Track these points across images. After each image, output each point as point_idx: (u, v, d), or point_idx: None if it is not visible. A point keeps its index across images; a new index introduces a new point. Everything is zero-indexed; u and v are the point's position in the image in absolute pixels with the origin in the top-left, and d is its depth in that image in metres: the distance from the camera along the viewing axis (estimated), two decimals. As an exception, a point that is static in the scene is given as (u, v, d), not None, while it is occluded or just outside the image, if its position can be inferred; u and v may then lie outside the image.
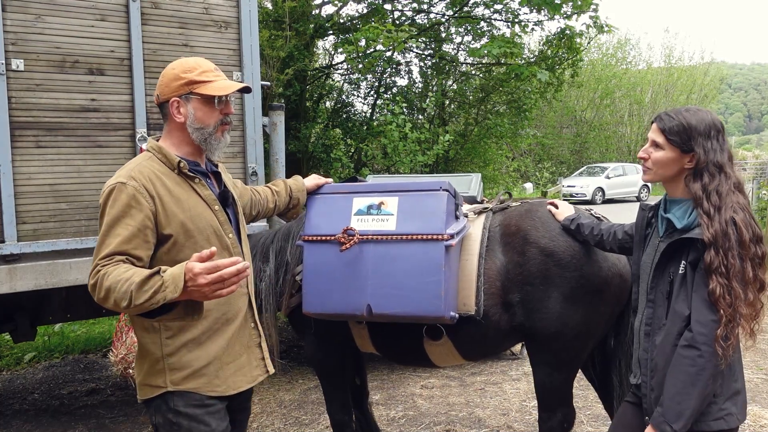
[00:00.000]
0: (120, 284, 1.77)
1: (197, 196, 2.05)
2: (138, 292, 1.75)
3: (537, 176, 25.60)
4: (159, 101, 2.07)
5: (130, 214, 1.89)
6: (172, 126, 2.08)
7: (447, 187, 2.68)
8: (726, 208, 1.90)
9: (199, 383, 2.00)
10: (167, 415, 1.99)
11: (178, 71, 2.04)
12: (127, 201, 1.89)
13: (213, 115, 2.07)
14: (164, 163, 2.03)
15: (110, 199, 1.91)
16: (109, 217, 1.89)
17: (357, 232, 2.63)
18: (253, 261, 3.20)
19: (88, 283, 1.86)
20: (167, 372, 1.98)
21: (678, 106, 2.17)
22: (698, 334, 1.88)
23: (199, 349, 2.00)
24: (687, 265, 1.95)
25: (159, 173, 1.99)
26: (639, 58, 34.03)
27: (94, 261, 1.87)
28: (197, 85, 2.03)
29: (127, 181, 1.92)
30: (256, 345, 2.21)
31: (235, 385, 2.09)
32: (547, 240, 2.75)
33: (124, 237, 1.87)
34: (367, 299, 2.61)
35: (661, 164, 2.03)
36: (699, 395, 1.89)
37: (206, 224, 2.04)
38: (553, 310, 2.72)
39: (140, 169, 1.97)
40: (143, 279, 1.76)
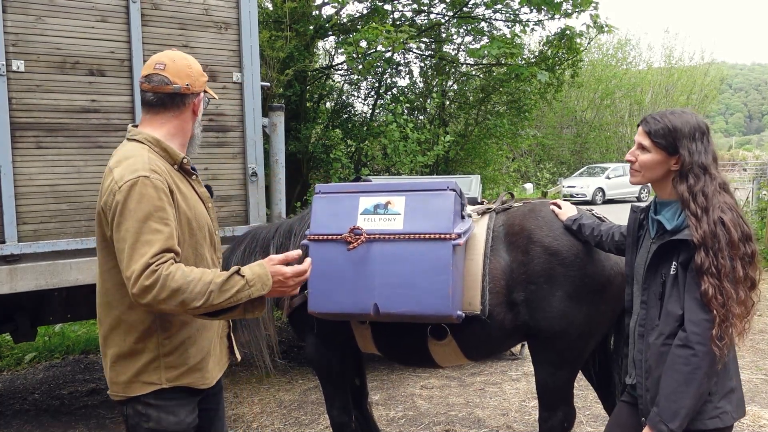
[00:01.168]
0: (193, 284, 1.76)
1: (195, 193, 2.06)
2: (220, 292, 1.79)
3: (537, 177, 25.59)
4: (189, 91, 2.00)
5: (163, 208, 1.84)
6: (184, 117, 2.03)
7: (454, 186, 2.69)
8: (714, 209, 1.93)
9: (194, 378, 2.03)
10: (136, 406, 1.98)
11: (200, 68, 2.08)
12: (157, 195, 1.83)
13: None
14: (165, 158, 1.98)
15: (135, 193, 1.81)
16: (139, 213, 1.80)
17: (364, 232, 2.63)
18: (252, 255, 3.22)
19: (139, 281, 1.75)
20: (163, 370, 1.97)
21: (675, 107, 2.20)
22: (692, 333, 1.90)
23: (193, 347, 2.02)
24: (678, 266, 1.98)
25: (167, 168, 1.95)
26: (639, 59, 34.02)
27: (138, 261, 1.76)
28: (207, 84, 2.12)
29: (150, 175, 1.85)
30: (225, 336, 2.26)
31: (214, 375, 2.13)
32: (551, 239, 2.76)
33: (166, 233, 1.81)
34: (374, 299, 2.61)
35: (648, 167, 2.07)
36: (694, 394, 1.90)
37: (204, 222, 2.05)
38: (556, 308, 2.74)
39: (156, 162, 1.92)
40: (225, 279, 1.80)
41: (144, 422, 1.98)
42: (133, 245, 1.79)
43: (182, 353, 1.99)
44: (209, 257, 2.08)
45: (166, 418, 1.98)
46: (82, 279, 3.63)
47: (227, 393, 4.94)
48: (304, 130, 9.52)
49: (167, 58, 2.03)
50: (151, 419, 1.97)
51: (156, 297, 1.75)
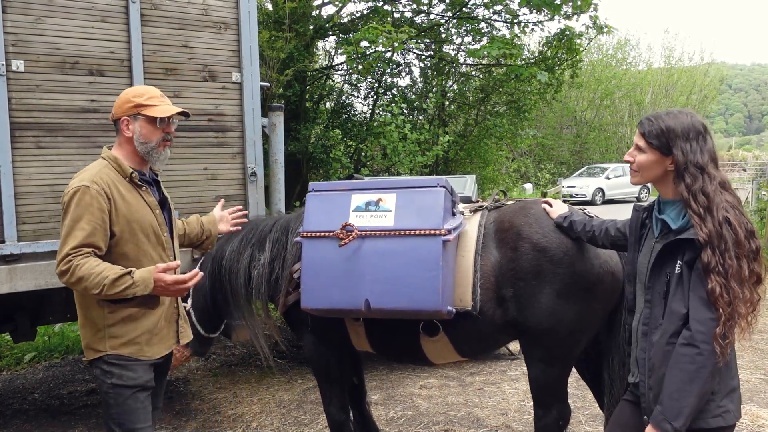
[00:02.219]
0: (93, 276, 2.26)
1: (143, 201, 2.49)
2: (111, 286, 2.27)
3: (537, 177, 25.60)
4: (113, 119, 2.52)
5: (92, 212, 2.32)
6: (122, 139, 2.51)
7: (444, 183, 2.72)
8: (717, 208, 1.93)
9: (132, 350, 2.46)
10: (102, 366, 2.45)
11: (129, 96, 2.49)
12: (90, 201, 2.32)
13: (156, 133, 2.50)
14: (118, 171, 2.45)
15: (75, 198, 2.32)
16: (74, 214, 2.32)
17: (356, 228, 2.66)
18: (247, 246, 3.26)
19: (58, 268, 2.31)
20: (107, 339, 2.43)
21: (675, 107, 2.22)
22: (697, 332, 1.90)
23: (133, 323, 2.46)
24: (683, 265, 1.98)
25: (114, 180, 2.42)
26: (639, 59, 34.01)
27: (62, 250, 2.30)
28: (143, 108, 2.47)
29: (90, 185, 2.34)
30: (174, 320, 2.64)
31: (158, 352, 2.54)
32: (539, 236, 2.77)
33: (88, 231, 2.31)
34: (365, 294, 2.64)
35: (645, 167, 2.10)
36: (698, 393, 1.91)
37: (148, 225, 2.49)
38: (544, 305, 2.74)
39: (100, 175, 2.39)
40: (116, 277, 2.28)
41: (108, 378, 2.44)
42: (63, 238, 2.33)
43: (122, 327, 2.43)
44: (154, 254, 2.51)
45: (126, 374, 2.44)
46: (82, 279, 3.63)
47: (226, 393, 4.94)
48: (304, 130, 9.53)
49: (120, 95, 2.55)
50: (113, 375, 2.44)
51: (68, 280, 2.31)
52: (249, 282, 3.19)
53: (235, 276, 3.22)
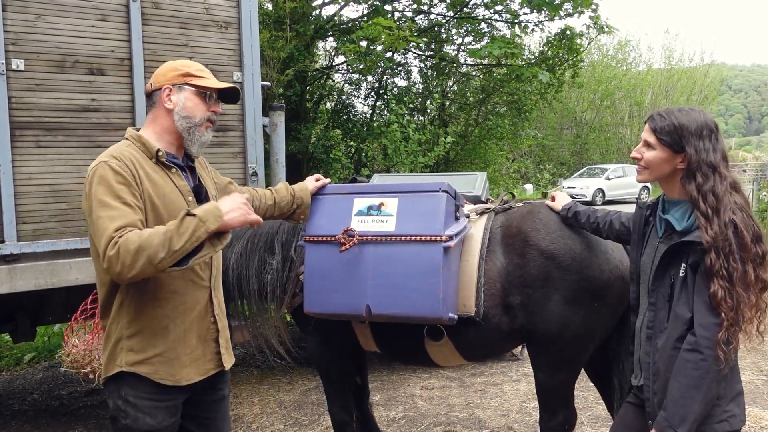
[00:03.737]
0: (151, 239, 1.83)
1: (173, 184, 2.10)
2: (178, 236, 1.85)
3: (537, 177, 25.58)
4: (150, 90, 2.14)
5: (121, 189, 1.94)
6: (159, 113, 2.13)
7: (446, 188, 2.68)
8: (725, 210, 1.89)
9: (152, 369, 2.03)
10: (117, 401, 2.05)
11: (176, 65, 2.16)
12: (114, 177, 1.94)
13: (201, 108, 2.15)
14: (143, 151, 2.08)
15: (96, 176, 1.95)
16: (99, 194, 1.92)
17: (357, 233, 2.64)
18: (255, 251, 3.20)
19: (106, 254, 1.84)
20: (124, 352, 2.03)
21: (673, 107, 2.17)
22: (701, 337, 1.86)
23: (155, 337, 2.04)
24: (687, 268, 1.94)
25: (138, 158, 2.05)
26: (639, 60, 34.00)
27: (104, 235, 1.86)
28: (192, 78, 2.13)
29: (109, 160, 1.98)
30: (213, 339, 2.20)
31: (188, 375, 2.10)
32: (547, 242, 2.74)
33: (122, 209, 1.90)
34: (366, 300, 2.62)
35: (653, 164, 2.03)
36: (703, 399, 1.87)
37: (177, 211, 2.03)
38: (553, 312, 2.71)
39: (121, 151, 2.03)
40: (178, 223, 1.87)
41: (122, 418, 2.04)
42: (96, 224, 1.90)
43: (143, 339, 2.03)
44: None
45: (143, 418, 2.02)
46: (82, 279, 3.61)
47: (227, 393, 4.92)
48: (304, 130, 9.52)
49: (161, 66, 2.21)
50: (128, 416, 2.03)
51: (123, 263, 1.82)
52: (263, 287, 3.15)
53: (246, 284, 3.15)
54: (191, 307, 2.12)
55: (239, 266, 3.17)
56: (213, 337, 2.20)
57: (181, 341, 2.08)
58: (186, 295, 2.11)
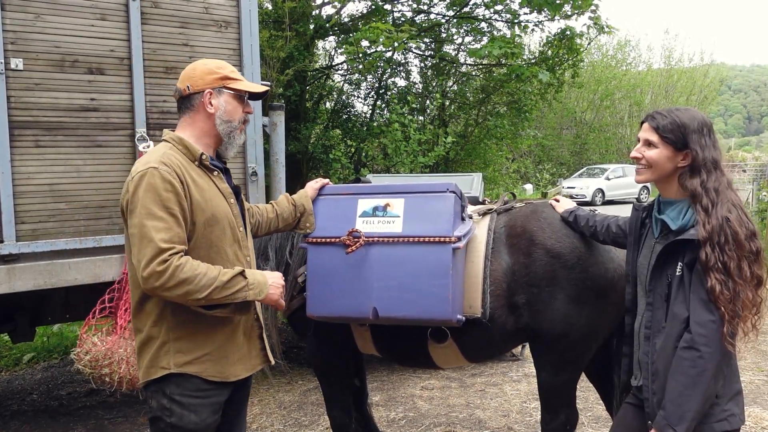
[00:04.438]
0: (199, 278, 1.89)
1: (216, 187, 2.13)
2: (222, 288, 1.93)
3: (537, 177, 25.58)
4: (188, 93, 2.12)
5: (168, 197, 1.94)
6: (199, 117, 2.14)
7: (454, 188, 2.65)
8: (721, 206, 1.91)
9: (202, 368, 2.06)
10: (162, 400, 2.05)
11: (211, 67, 2.16)
12: (164, 185, 1.94)
13: (239, 111, 2.19)
14: (185, 154, 2.09)
15: (143, 183, 1.93)
16: (147, 201, 1.92)
17: (363, 234, 2.60)
18: None
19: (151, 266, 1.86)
20: (172, 354, 2.03)
21: (668, 106, 2.18)
22: (697, 335, 1.87)
23: (204, 337, 2.07)
24: (683, 267, 1.95)
25: (183, 163, 2.05)
26: (639, 60, 34.01)
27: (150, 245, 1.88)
28: (230, 81, 2.16)
29: (159, 166, 1.96)
30: (257, 336, 2.27)
31: (235, 372, 2.15)
32: (553, 241, 2.74)
33: (170, 221, 1.92)
34: (373, 302, 2.57)
35: (657, 163, 2.04)
36: (701, 397, 1.88)
37: (224, 215, 2.12)
38: (558, 311, 2.71)
39: (168, 156, 2.03)
40: (230, 278, 1.96)
41: (167, 416, 2.05)
42: (141, 231, 1.91)
43: (192, 340, 2.05)
44: (230, 251, 2.13)
45: (188, 416, 2.04)
46: (81, 279, 3.60)
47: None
48: (304, 130, 9.51)
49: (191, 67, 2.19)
50: (173, 414, 2.04)
51: (164, 284, 1.87)
52: None
53: None
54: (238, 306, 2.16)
55: None
56: (257, 334, 2.27)
57: (229, 340, 2.12)
58: None
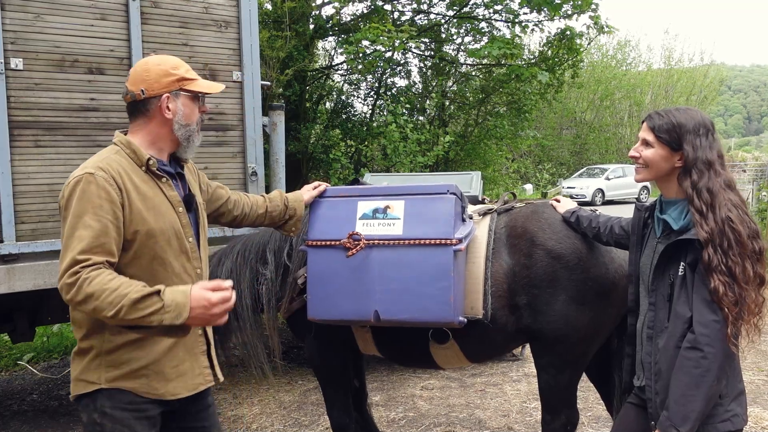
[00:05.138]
0: (107, 293, 1.74)
1: (163, 195, 2.00)
2: (130, 308, 1.74)
3: (537, 177, 25.58)
4: (142, 97, 1.98)
5: (101, 205, 1.83)
6: (154, 122, 2.01)
7: (454, 190, 2.64)
8: (720, 206, 1.90)
9: (135, 384, 1.94)
10: (93, 414, 1.93)
11: (165, 67, 2.01)
12: (97, 192, 1.83)
13: (196, 112, 2.08)
14: (132, 159, 1.97)
15: (78, 190, 1.83)
16: (78, 208, 1.82)
17: (363, 237, 2.58)
18: (246, 264, 3.12)
19: (61, 281, 1.77)
20: (104, 368, 1.91)
21: (670, 106, 2.19)
22: (700, 335, 1.87)
23: (139, 350, 1.94)
24: (686, 267, 1.95)
25: (126, 168, 1.94)
26: (639, 60, 34.00)
27: (65, 257, 1.78)
28: (187, 82, 2.03)
29: (96, 172, 1.86)
30: (201, 353, 2.10)
31: (174, 390, 2.00)
32: (554, 242, 2.73)
33: (97, 230, 1.80)
34: (374, 305, 2.56)
35: (653, 162, 2.05)
36: (704, 397, 1.87)
37: (169, 225, 1.98)
38: (559, 312, 2.71)
39: (108, 162, 1.91)
40: (140, 297, 1.75)
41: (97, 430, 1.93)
42: (66, 241, 1.81)
43: (124, 354, 1.92)
44: (175, 263, 2.00)
45: (122, 430, 1.92)
46: (81, 279, 3.60)
47: (226, 394, 4.91)
48: (304, 130, 9.50)
49: (133, 67, 2.05)
50: (105, 430, 1.92)
51: (73, 297, 1.76)
52: (256, 301, 3.10)
53: (239, 299, 3.06)
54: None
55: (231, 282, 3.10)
56: (202, 351, 2.11)
57: (166, 356, 1.98)
58: None
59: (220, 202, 2.48)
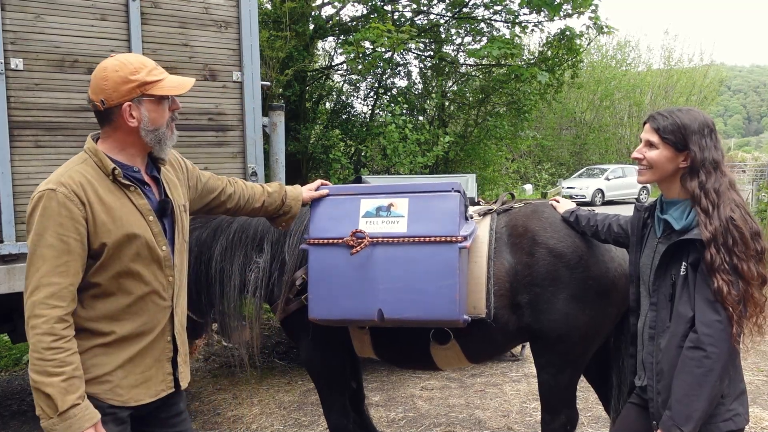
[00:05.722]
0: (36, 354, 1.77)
1: (131, 204, 1.96)
2: (36, 391, 1.77)
3: (536, 178, 25.58)
4: (103, 107, 1.91)
5: (61, 223, 1.81)
6: (120, 131, 1.95)
7: (458, 188, 2.63)
8: (724, 206, 1.91)
9: (100, 390, 1.91)
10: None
11: (124, 73, 1.91)
12: (58, 209, 1.81)
13: (164, 114, 2.01)
14: (99, 167, 1.93)
15: (39, 207, 1.82)
16: (39, 226, 1.81)
17: (367, 235, 2.55)
18: (241, 246, 3.04)
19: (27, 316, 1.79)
20: None
21: (671, 107, 2.19)
22: (703, 335, 1.87)
23: (105, 356, 1.92)
24: (688, 267, 1.95)
25: (91, 178, 1.89)
26: (638, 60, 33.97)
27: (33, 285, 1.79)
28: (149, 86, 1.94)
29: (57, 188, 1.83)
30: (167, 359, 2.07)
31: (137, 396, 1.98)
32: (555, 241, 2.74)
33: (58, 249, 1.80)
34: (378, 304, 2.53)
35: (657, 164, 2.05)
36: (707, 396, 1.88)
37: (140, 234, 1.95)
38: (560, 311, 2.71)
39: (71, 174, 1.87)
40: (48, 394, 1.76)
41: None
42: (31, 257, 1.82)
43: (89, 359, 1.89)
44: (146, 273, 1.97)
45: None
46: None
47: (226, 394, 4.91)
48: (304, 130, 9.50)
49: (93, 72, 1.96)
50: None
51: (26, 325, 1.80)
52: (244, 285, 3.04)
53: (228, 278, 3.03)
54: (150, 328, 2.01)
55: (223, 259, 3.04)
56: (168, 357, 2.08)
57: (132, 362, 1.96)
58: (146, 318, 2.00)
59: (213, 195, 2.45)
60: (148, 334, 2.00)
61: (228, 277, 3.04)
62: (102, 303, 1.92)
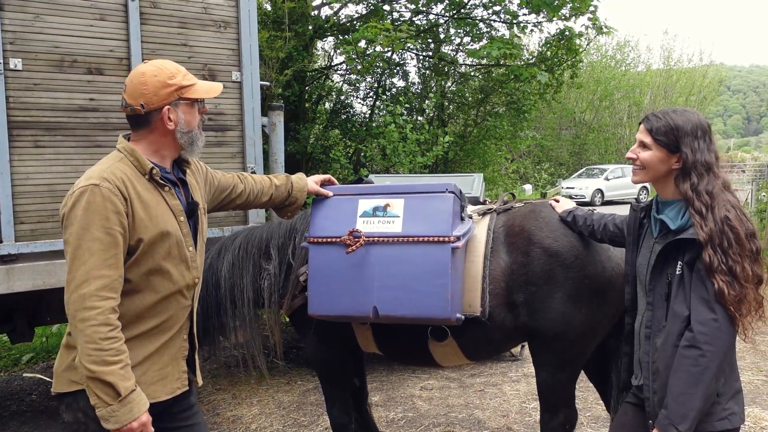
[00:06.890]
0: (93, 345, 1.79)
1: (165, 204, 2.03)
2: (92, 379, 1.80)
3: (536, 178, 25.60)
4: (144, 111, 1.99)
5: (107, 216, 1.85)
6: (156, 133, 2.03)
7: (453, 189, 2.68)
8: (718, 207, 1.92)
9: None
10: (77, 414, 1.95)
11: (163, 78, 2.00)
12: (103, 203, 1.85)
13: (197, 116, 2.10)
14: (136, 167, 1.99)
15: (83, 200, 1.85)
16: (85, 220, 1.84)
17: (363, 234, 2.62)
18: (249, 258, 3.13)
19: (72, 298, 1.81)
20: None
21: (668, 107, 2.20)
22: (699, 333, 1.88)
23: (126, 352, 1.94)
24: (684, 266, 1.96)
25: (130, 176, 1.96)
26: (638, 60, 33.98)
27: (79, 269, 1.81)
28: (185, 90, 2.03)
29: (101, 183, 1.87)
30: (182, 357, 2.12)
31: (154, 393, 2.00)
32: (551, 240, 2.75)
33: (106, 242, 1.84)
34: (373, 301, 2.61)
35: (650, 164, 2.07)
36: (703, 395, 1.88)
37: (172, 233, 2.02)
38: (556, 310, 2.72)
39: (112, 170, 1.93)
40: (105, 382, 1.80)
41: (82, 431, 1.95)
42: (75, 251, 1.84)
43: None
44: (174, 271, 2.03)
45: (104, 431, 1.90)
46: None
47: (226, 394, 4.91)
48: (303, 130, 9.50)
49: (130, 78, 2.03)
50: (89, 429, 1.93)
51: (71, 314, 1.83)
52: (258, 295, 3.11)
53: (240, 293, 3.09)
54: (170, 326, 2.06)
55: (232, 275, 3.11)
56: (183, 356, 2.13)
57: (151, 359, 2.01)
58: (167, 316, 2.04)
59: (225, 192, 2.54)
60: (167, 332, 2.05)
61: (240, 291, 3.11)
62: (130, 300, 1.94)
